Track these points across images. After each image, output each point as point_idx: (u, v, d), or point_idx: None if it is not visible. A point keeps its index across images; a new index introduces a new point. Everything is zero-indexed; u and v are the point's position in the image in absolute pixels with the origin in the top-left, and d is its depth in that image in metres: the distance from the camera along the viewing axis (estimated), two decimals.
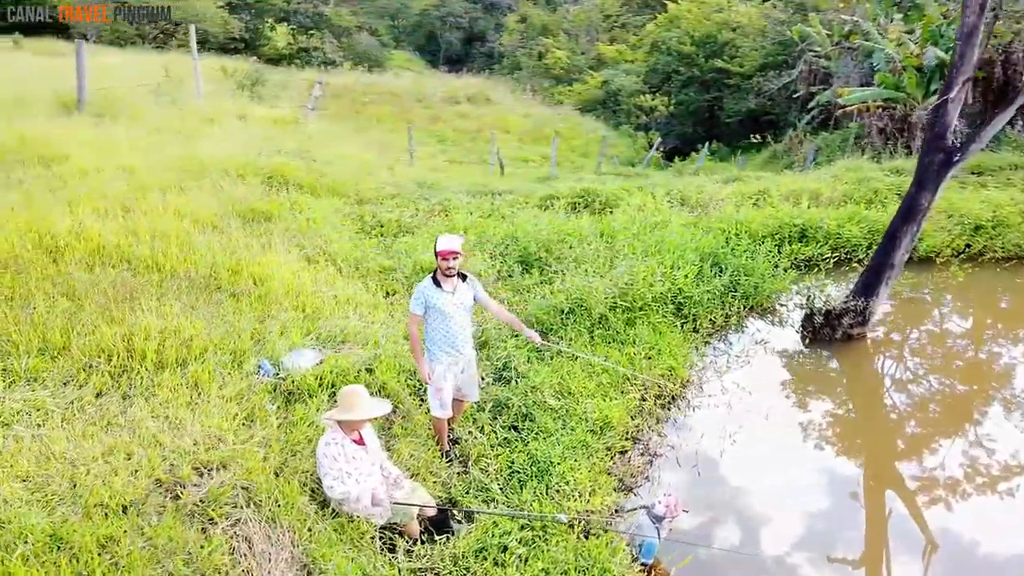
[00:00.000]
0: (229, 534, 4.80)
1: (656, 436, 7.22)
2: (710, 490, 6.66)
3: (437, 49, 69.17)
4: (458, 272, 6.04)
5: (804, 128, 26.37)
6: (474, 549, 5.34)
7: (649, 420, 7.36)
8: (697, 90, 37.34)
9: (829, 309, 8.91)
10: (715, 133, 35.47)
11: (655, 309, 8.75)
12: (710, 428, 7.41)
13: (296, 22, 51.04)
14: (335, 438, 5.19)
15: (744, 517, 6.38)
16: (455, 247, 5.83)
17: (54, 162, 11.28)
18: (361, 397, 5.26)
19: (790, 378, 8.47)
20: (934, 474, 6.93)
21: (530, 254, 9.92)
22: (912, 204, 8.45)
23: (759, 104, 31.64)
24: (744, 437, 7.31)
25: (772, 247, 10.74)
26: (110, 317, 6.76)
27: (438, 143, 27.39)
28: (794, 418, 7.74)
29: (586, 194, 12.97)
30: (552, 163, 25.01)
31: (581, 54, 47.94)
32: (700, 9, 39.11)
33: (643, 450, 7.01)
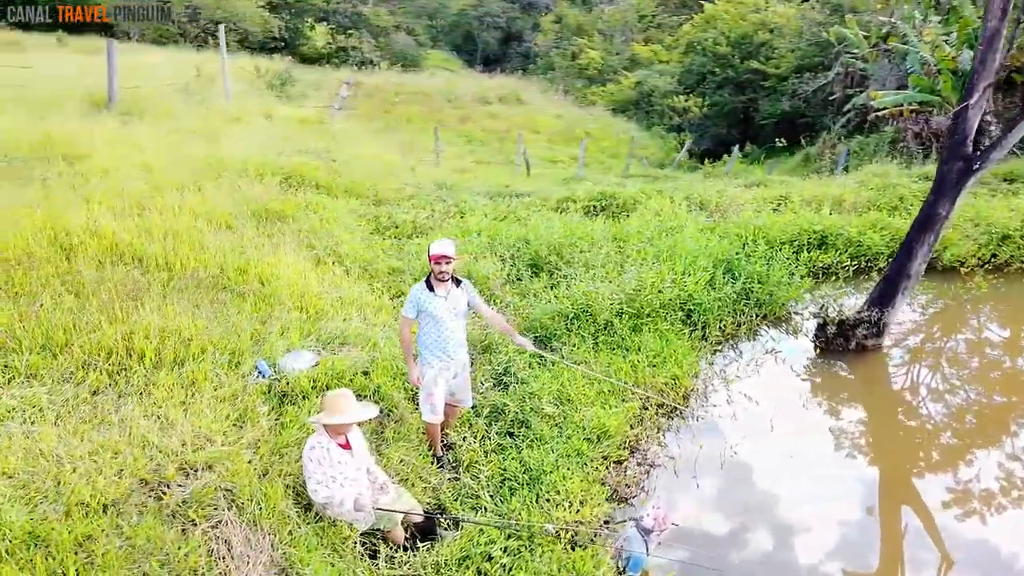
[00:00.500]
0: (209, 536, 4.82)
1: (655, 446, 7.12)
2: (707, 502, 6.54)
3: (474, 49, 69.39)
4: (453, 277, 6.01)
5: (839, 132, 25.87)
6: (457, 557, 5.30)
7: (649, 429, 7.25)
8: (732, 91, 36.83)
9: (843, 319, 8.69)
10: (750, 135, 35.00)
11: (663, 316, 8.62)
12: (712, 439, 7.28)
13: (335, 22, 51.63)
14: (320, 441, 5.19)
15: (740, 531, 6.25)
16: (447, 251, 5.80)
17: (77, 160, 11.49)
18: (347, 401, 5.25)
19: (799, 389, 8.28)
20: (951, 491, 6.73)
21: (540, 258, 9.86)
22: (929, 213, 8.21)
23: (793, 106, 31.11)
24: (746, 448, 7.17)
25: (790, 254, 10.52)
26: (113, 315, 6.84)
27: (466, 143, 27.43)
28: (800, 430, 7.55)
29: (603, 197, 12.86)
30: (580, 164, 24.90)
31: (616, 54, 47.65)
32: (737, 9, 38.63)
33: (641, 460, 6.90)
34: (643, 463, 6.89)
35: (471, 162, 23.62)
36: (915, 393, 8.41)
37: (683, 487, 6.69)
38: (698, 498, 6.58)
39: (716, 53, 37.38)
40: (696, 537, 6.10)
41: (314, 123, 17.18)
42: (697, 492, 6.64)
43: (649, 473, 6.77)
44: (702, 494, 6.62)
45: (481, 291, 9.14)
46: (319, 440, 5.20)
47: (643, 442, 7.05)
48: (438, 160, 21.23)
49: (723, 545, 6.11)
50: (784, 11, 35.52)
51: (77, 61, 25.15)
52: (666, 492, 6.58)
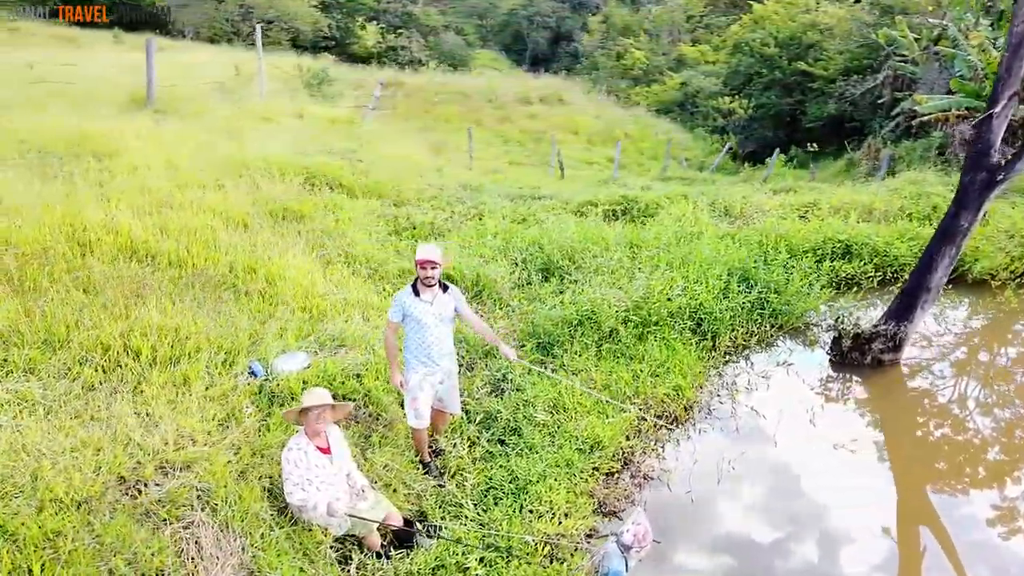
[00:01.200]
0: (179, 536, 4.86)
1: (652, 458, 6.97)
2: (698, 518, 6.38)
3: (523, 49, 69.46)
4: (440, 283, 5.96)
5: (887, 136, 25.14)
6: (431, 567, 5.26)
7: (647, 441, 7.11)
8: (779, 93, 36.07)
9: (858, 332, 8.41)
10: (796, 138, 34.22)
11: (671, 325, 8.44)
12: (711, 452, 7.10)
13: (385, 21, 52.24)
14: (298, 443, 5.19)
15: (732, 549, 6.08)
16: (432, 256, 5.75)
17: (106, 157, 11.75)
18: (319, 391, 5.27)
19: (809, 403, 8.03)
20: (969, 515, 6.47)
21: (552, 262, 9.76)
22: (951, 225, 7.89)
23: (840, 109, 30.32)
24: (746, 463, 6.99)
25: (811, 263, 10.24)
26: (116, 312, 6.97)
27: (503, 144, 27.38)
28: (806, 445, 7.34)
29: (625, 201, 12.68)
30: (615, 166, 24.67)
31: (662, 55, 47.11)
32: (787, 10, 37.87)
33: (635, 472, 6.76)
34: (637, 476, 6.75)
35: (505, 163, 23.55)
36: (933, 411, 8.10)
37: (676, 501, 6.54)
38: (690, 513, 6.42)
39: (763, 54, 36.68)
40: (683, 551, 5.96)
41: (345, 123, 17.31)
42: (690, 507, 6.48)
43: (641, 486, 6.63)
44: (694, 509, 6.46)
45: (489, 295, 9.10)
46: (297, 442, 5.20)
47: (639, 454, 6.90)
48: (471, 161, 21.22)
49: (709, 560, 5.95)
50: (834, 12, 34.65)
51: (131, 58, 25.80)
52: (658, 506, 6.43)
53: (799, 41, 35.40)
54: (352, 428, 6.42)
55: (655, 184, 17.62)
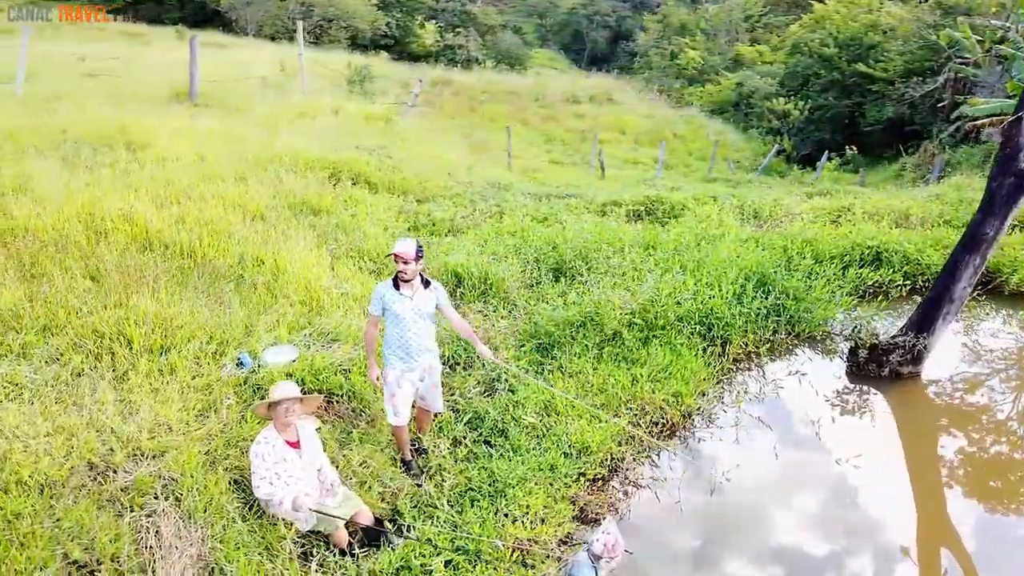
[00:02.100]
0: (140, 524, 4.88)
1: (644, 466, 6.76)
2: (684, 529, 6.16)
3: (582, 48, 69.25)
4: (423, 278, 5.88)
5: (945, 141, 24.20)
6: (395, 567, 5.17)
7: (639, 448, 6.89)
8: (837, 95, 35.07)
9: (875, 343, 8.04)
10: (854, 141, 33.18)
11: (678, 329, 8.20)
12: (707, 462, 6.86)
13: (444, 20, 52.66)
14: (267, 437, 5.16)
15: (714, 564, 5.85)
16: (402, 251, 5.63)
17: (139, 148, 12.05)
18: (287, 384, 5.24)
19: (819, 415, 7.69)
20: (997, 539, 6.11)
21: (564, 262, 9.59)
22: (976, 232, 7.46)
23: (898, 112, 29.31)
24: (742, 475, 6.71)
25: (836, 269, 9.84)
26: (114, 300, 7.09)
27: (546, 143, 27.27)
28: (807, 459, 7.03)
29: (650, 202, 12.42)
30: (659, 166, 24.32)
31: (718, 54, 46.33)
32: (849, 9, 36.80)
33: (623, 480, 6.57)
34: (625, 483, 6.56)
35: (545, 162, 23.41)
36: (952, 428, 7.66)
37: (663, 511, 6.33)
38: (676, 523, 6.20)
39: (822, 55, 35.72)
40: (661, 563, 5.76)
41: (381, 120, 17.39)
42: (677, 517, 6.26)
43: (628, 494, 6.43)
44: (681, 519, 6.24)
45: (495, 293, 8.99)
46: (266, 435, 5.18)
47: (628, 460, 6.69)
48: (509, 159, 21.15)
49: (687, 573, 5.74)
50: (897, 12, 33.48)
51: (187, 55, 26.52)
52: (644, 515, 6.24)
53: (860, 41, 34.34)
54: (335, 424, 6.39)
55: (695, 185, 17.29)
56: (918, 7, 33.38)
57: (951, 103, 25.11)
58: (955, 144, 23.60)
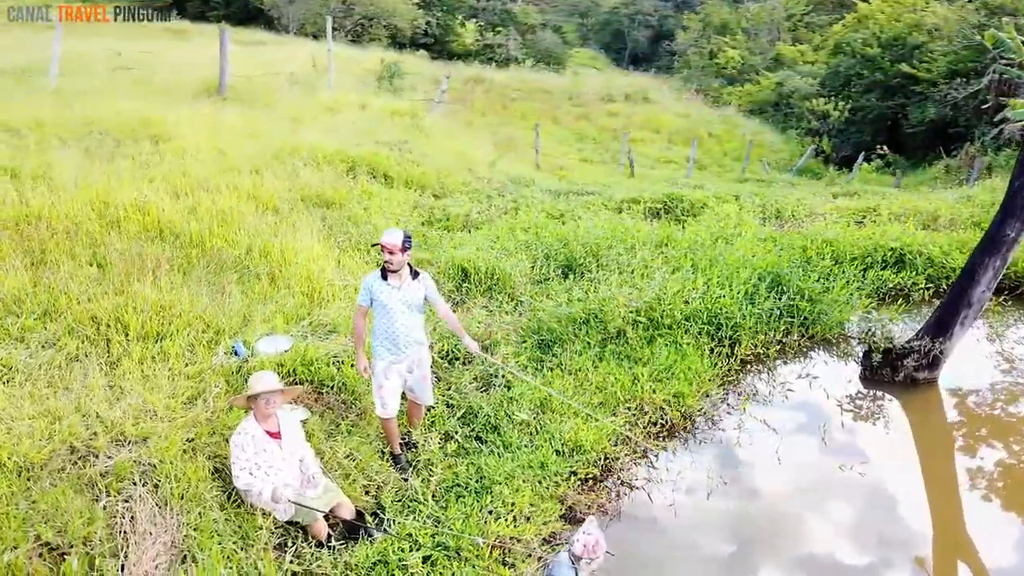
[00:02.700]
0: (117, 509, 4.88)
1: (640, 466, 6.59)
2: (675, 533, 5.99)
3: (623, 47, 68.84)
4: (412, 269, 5.80)
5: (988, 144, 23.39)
6: (372, 562, 5.10)
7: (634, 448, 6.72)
8: (879, 96, 34.16)
9: (889, 347, 7.75)
10: (896, 143, 32.33)
11: (684, 328, 8.01)
12: (706, 464, 6.68)
13: (484, 19, 52.76)
14: (247, 428, 5.14)
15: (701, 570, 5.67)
16: (388, 242, 5.56)
17: (162, 141, 12.18)
18: (267, 376, 5.20)
19: (828, 419, 7.43)
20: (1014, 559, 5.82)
21: (575, 259, 9.45)
22: (996, 234, 7.14)
23: (941, 114, 28.44)
24: (741, 479, 6.53)
25: (856, 271, 9.55)
26: (115, 287, 7.15)
27: (577, 141, 27.07)
28: (811, 465, 6.78)
29: (669, 200, 12.20)
30: (690, 165, 23.98)
31: (759, 54, 45.55)
32: (893, 8, 35.87)
33: (616, 480, 6.42)
34: (618, 484, 6.40)
35: (575, 160, 23.23)
36: (970, 438, 7.35)
37: (656, 513, 6.16)
38: (667, 526, 6.04)
39: (865, 54, 34.85)
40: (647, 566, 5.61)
41: (407, 115, 17.40)
42: (670, 520, 6.09)
43: (620, 495, 6.28)
44: (673, 523, 6.07)
45: (501, 289, 8.88)
46: (246, 426, 5.15)
47: (623, 461, 6.53)
48: (537, 157, 21.02)
49: None
50: (942, 11, 32.52)
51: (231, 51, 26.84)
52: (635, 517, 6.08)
53: (903, 41, 33.42)
54: (324, 415, 6.35)
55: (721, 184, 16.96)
56: (963, 7, 32.39)
57: (995, 105, 24.20)
58: (998, 147, 22.81)
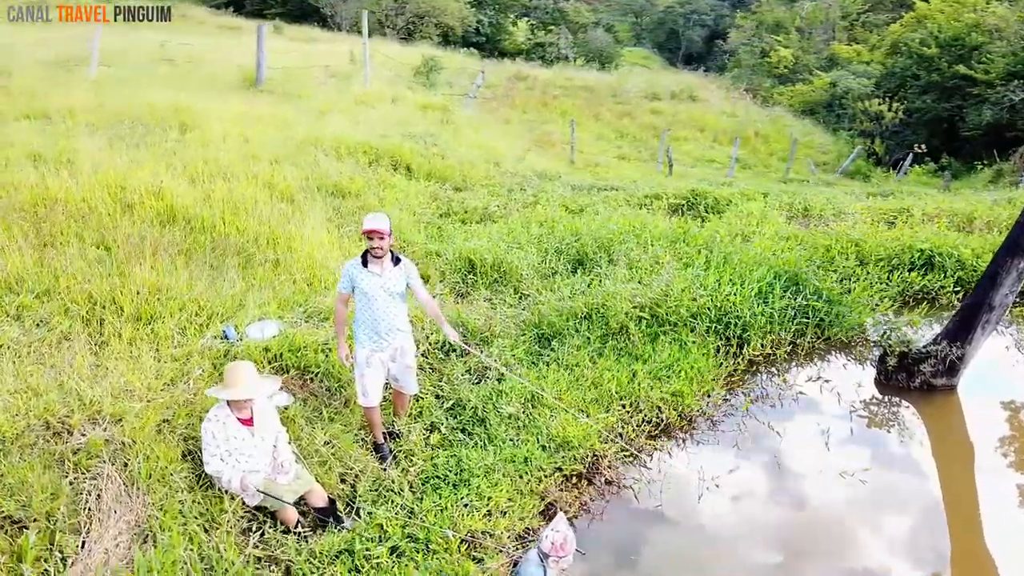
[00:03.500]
0: (84, 486, 4.89)
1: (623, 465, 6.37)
2: (658, 534, 5.78)
3: (677, 47, 68.12)
4: (393, 255, 5.71)
5: None
6: (336, 551, 5.02)
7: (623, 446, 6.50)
8: (936, 98, 32.99)
9: (905, 351, 7.39)
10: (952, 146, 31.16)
11: (691, 326, 7.76)
12: (701, 465, 6.42)
13: (536, 18, 52.71)
14: (217, 415, 5.09)
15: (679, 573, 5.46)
16: (378, 226, 5.47)
17: (190, 129, 12.37)
18: (244, 373, 5.12)
19: (835, 424, 7.09)
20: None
21: (585, 254, 9.26)
22: (1021, 236, 6.73)
23: (998, 117, 27.31)
24: (735, 482, 6.27)
25: (881, 272, 9.15)
26: (118, 269, 7.22)
27: (618, 138, 26.72)
28: (812, 471, 6.48)
29: (693, 196, 11.90)
30: (731, 164, 23.49)
31: (813, 53, 44.44)
32: (953, 8, 34.60)
33: (607, 478, 6.22)
34: (607, 482, 6.21)
35: (614, 157, 22.93)
36: (989, 448, 6.94)
37: (641, 514, 5.96)
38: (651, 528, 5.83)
39: (922, 55, 33.71)
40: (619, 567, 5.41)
41: (439, 109, 17.38)
42: (655, 521, 5.88)
43: (605, 493, 6.09)
44: (658, 524, 5.86)
45: (506, 282, 8.75)
46: (217, 413, 5.11)
47: (611, 458, 6.32)
48: (572, 153, 20.81)
49: None
50: (1002, 12, 31.24)
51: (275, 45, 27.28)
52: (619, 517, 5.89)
53: (962, 42, 32.20)
54: (307, 401, 6.31)
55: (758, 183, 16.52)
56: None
57: None
58: None
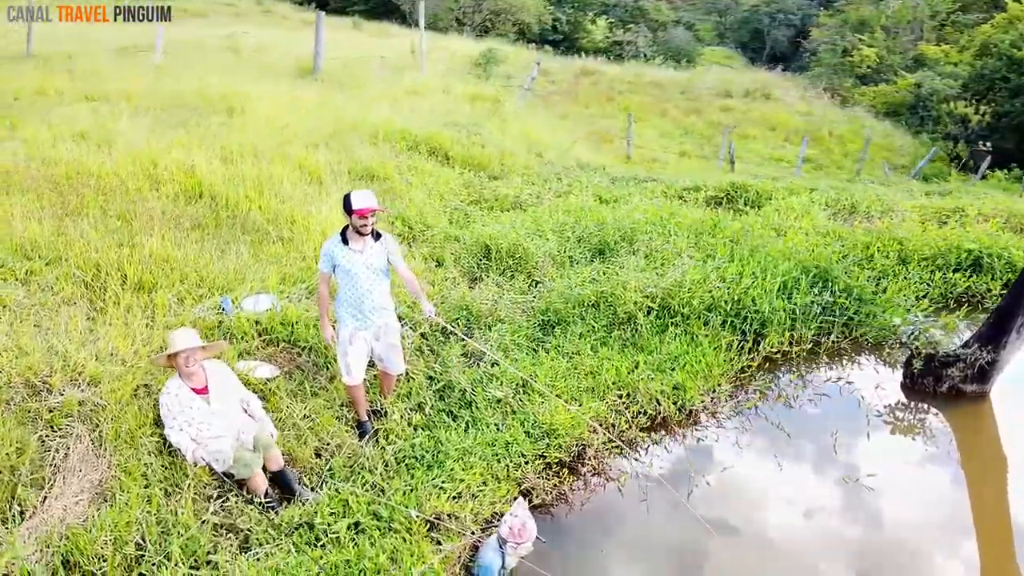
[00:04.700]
0: (54, 445, 4.97)
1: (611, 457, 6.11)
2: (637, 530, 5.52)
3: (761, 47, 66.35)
4: (374, 231, 5.62)
5: None
6: (296, 524, 4.96)
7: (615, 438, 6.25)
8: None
9: (932, 353, 6.88)
10: None
11: (705, 320, 7.43)
12: (696, 461, 6.12)
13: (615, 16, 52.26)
14: (170, 387, 5.11)
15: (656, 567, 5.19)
16: (373, 205, 5.37)
17: (235, 113, 12.63)
18: (180, 335, 5.14)
19: (851, 428, 6.65)
20: None
21: (607, 243, 9.00)
22: None
23: None
24: (729, 481, 5.95)
25: (923, 272, 8.59)
26: (130, 240, 7.38)
27: (682, 135, 26.10)
28: (815, 477, 6.09)
29: (733, 189, 11.45)
30: (798, 164, 22.66)
31: (899, 53, 42.49)
32: None
33: (593, 469, 5.99)
34: (594, 473, 5.97)
35: (674, 154, 22.39)
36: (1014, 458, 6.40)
37: (623, 508, 5.71)
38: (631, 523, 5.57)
39: (1012, 57, 31.85)
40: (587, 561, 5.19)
41: (488, 100, 17.30)
42: (637, 517, 5.62)
43: (589, 484, 5.86)
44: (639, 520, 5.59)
45: (521, 269, 8.57)
46: (170, 385, 5.13)
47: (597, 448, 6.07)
48: (629, 148, 20.42)
49: None
50: None
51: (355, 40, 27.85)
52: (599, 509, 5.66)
53: None
54: (294, 375, 6.29)
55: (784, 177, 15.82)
56: None
57: None
58: None
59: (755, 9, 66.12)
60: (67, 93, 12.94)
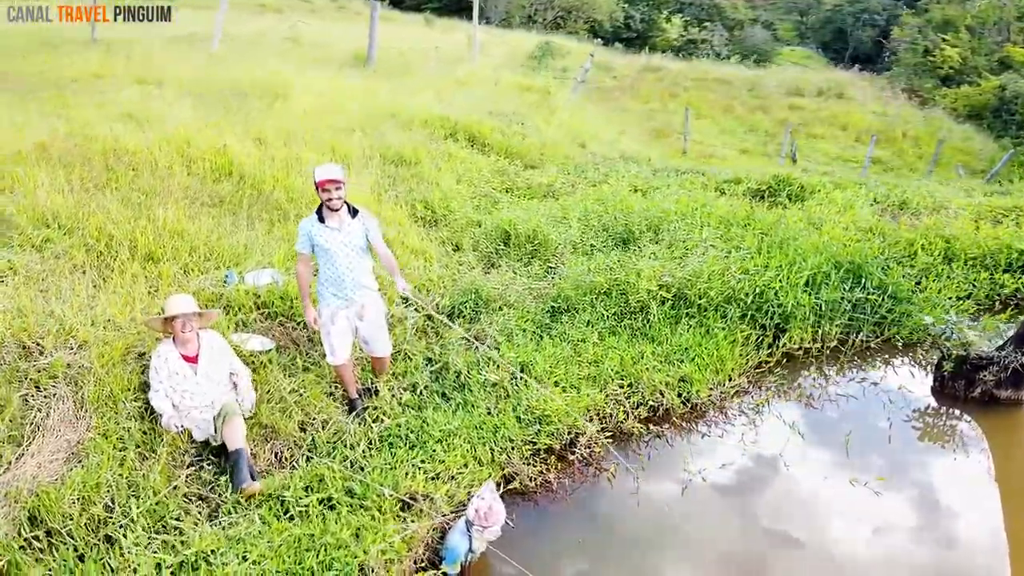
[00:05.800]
0: (36, 403, 5.04)
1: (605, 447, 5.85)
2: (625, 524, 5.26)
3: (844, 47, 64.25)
4: (349, 207, 5.49)
5: None
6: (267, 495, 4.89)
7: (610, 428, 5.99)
8: None
9: (964, 355, 6.39)
10: None
11: (722, 312, 7.09)
12: (695, 456, 5.83)
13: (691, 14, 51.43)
14: (162, 351, 5.14)
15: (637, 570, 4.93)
16: (333, 175, 5.27)
17: (279, 99, 12.79)
18: (177, 300, 5.15)
19: (871, 430, 6.24)
20: None
21: (631, 232, 8.71)
22: None
23: None
24: (727, 478, 5.64)
25: (969, 272, 8.03)
26: (147, 213, 7.49)
27: (746, 132, 25.37)
28: (823, 479, 5.71)
29: (776, 182, 10.97)
30: (865, 163, 21.76)
31: (984, 55, 40.43)
32: None
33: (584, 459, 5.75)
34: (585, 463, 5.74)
35: (734, 151, 21.77)
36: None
37: (613, 500, 5.45)
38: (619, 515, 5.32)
39: None
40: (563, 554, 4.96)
41: (538, 92, 17.12)
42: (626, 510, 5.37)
43: (579, 473, 5.63)
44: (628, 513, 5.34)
45: (540, 255, 8.37)
46: (160, 348, 5.15)
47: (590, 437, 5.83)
48: (685, 143, 19.94)
49: None
50: None
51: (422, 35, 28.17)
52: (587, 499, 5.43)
53: None
54: (287, 349, 6.25)
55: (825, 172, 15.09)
56: None
57: None
58: None
59: (838, 9, 64.04)
60: (121, 76, 13.34)
